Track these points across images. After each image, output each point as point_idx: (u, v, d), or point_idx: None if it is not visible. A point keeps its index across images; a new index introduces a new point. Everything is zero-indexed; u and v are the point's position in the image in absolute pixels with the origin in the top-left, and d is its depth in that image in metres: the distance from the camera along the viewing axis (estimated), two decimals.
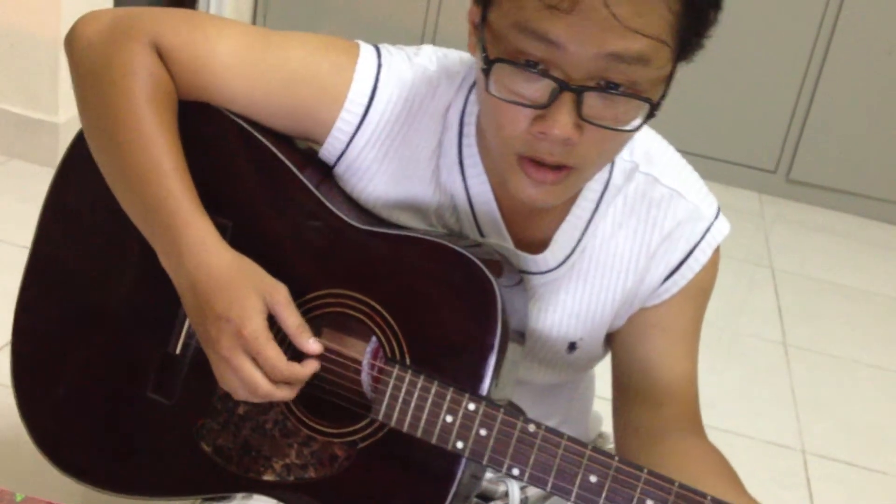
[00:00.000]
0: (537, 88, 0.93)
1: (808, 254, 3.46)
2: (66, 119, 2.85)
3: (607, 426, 1.24)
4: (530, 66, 0.92)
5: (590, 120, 0.93)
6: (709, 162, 3.77)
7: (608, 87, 0.92)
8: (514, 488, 1.24)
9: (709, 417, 1.18)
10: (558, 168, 0.97)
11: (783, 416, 2.46)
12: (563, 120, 0.92)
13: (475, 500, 1.24)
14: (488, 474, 1.25)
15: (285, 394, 1.02)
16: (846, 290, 3.24)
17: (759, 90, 3.73)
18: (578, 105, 0.92)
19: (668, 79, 0.97)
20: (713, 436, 1.13)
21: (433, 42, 3.82)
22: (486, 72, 0.94)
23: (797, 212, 3.80)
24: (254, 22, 4.00)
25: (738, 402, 2.46)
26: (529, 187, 0.99)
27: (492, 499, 1.25)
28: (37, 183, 1.19)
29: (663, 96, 0.97)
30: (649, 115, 0.95)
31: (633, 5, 0.88)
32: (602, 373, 1.26)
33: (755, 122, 3.78)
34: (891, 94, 3.66)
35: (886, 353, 2.86)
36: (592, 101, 0.92)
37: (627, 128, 0.95)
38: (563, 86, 0.91)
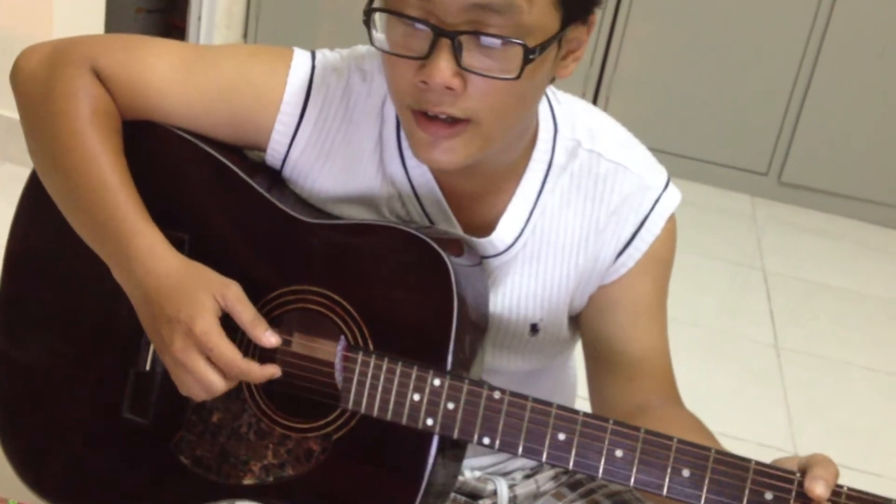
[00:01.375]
0: (419, 41, 0.96)
1: (799, 256, 3.46)
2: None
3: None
4: (406, 16, 0.95)
5: (468, 68, 0.95)
6: (701, 164, 3.78)
7: (481, 32, 0.94)
8: (503, 487, 1.24)
9: (701, 420, 1.18)
10: (452, 123, 0.99)
11: (775, 418, 2.46)
12: (442, 66, 0.95)
13: (464, 499, 1.24)
14: (476, 473, 1.26)
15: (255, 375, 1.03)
16: (838, 292, 3.25)
17: (751, 93, 3.74)
18: (457, 53, 0.94)
19: (557, 36, 0.97)
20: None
21: None
22: (367, 23, 0.98)
23: (789, 214, 3.80)
24: (246, 27, 4.00)
25: (730, 405, 2.46)
26: (427, 147, 1.01)
27: (480, 497, 1.25)
28: None
29: (545, 45, 0.97)
30: (526, 60, 0.95)
31: None
32: (583, 372, 1.26)
33: (747, 124, 3.79)
34: (882, 97, 3.67)
35: (878, 354, 2.87)
36: (471, 51, 0.95)
37: (508, 76, 0.96)
38: (437, 31, 0.94)
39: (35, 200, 1.17)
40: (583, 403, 1.34)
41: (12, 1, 2.80)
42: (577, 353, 1.28)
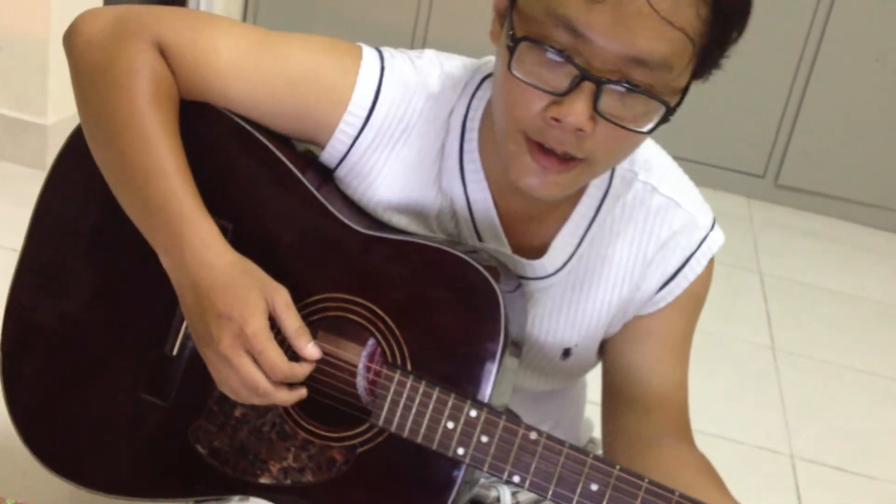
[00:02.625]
0: (558, 76, 0.93)
1: (796, 258, 3.46)
2: (54, 121, 2.83)
3: (598, 432, 1.24)
4: (555, 51, 0.92)
5: (605, 115, 0.93)
6: (697, 166, 3.78)
7: (628, 84, 0.92)
8: (506, 494, 1.24)
9: (697, 422, 1.18)
10: (565, 160, 0.97)
11: (771, 420, 2.46)
12: (579, 108, 0.92)
13: None
14: (480, 479, 1.25)
15: (283, 396, 1.01)
16: (834, 295, 3.25)
17: (748, 95, 3.74)
18: (596, 97, 0.92)
19: (684, 90, 0.98)
20: (701, 440, 1.14)
21: (423, 43, 3.82)
22: (511, 49, 0.94)
23: (785, 216, 3.81)
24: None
25: (726, 407, 2.46)
26: (532, 175, 0.98)
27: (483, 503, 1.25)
28: (25, 185, 1.18)
29: (678, 104, 0.97)
30: (663, 120, 0.95)
31: (667, 4, 0.89)
32: (593, 377, 1.26)
33: (744, 126, 3.79)
34: (879, 100, 3.67)
35: (874, 357, 2.87)
36: (609, 97, 0.93)
37: (640, 129, 0.95)
38: (585, 74, 0.91)
39: (72, 167, 1.14)
40: (591, 409, 1.34)
41: None
42: None
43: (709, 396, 2.45)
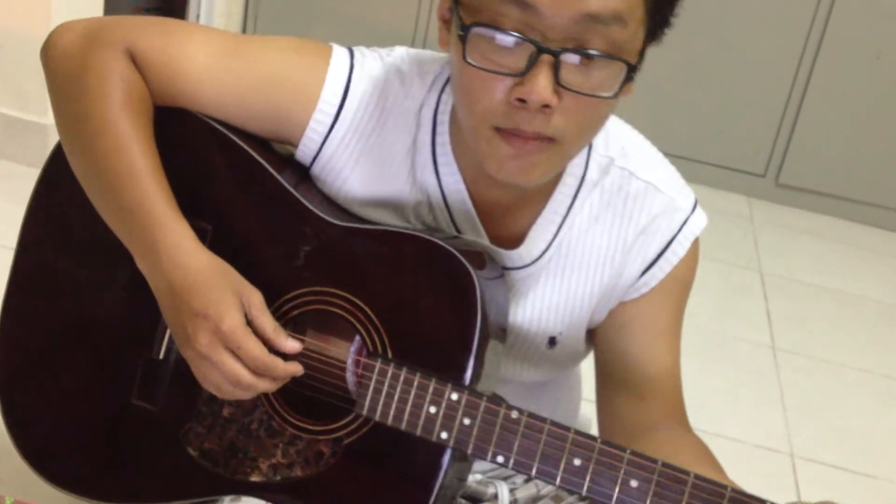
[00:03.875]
0: (514, 57, 0.93)
1: (796, 258, 3.46)
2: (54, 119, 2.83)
3: (596, 431, 1.24)
4: (507, 31, 0.92)
5: (568, 86, 0.93)
6: (698, 165, 3.78)
7: (585, 50, 0.92)
8: (504, 490, 1.24)
9: (697, 421, 1.18)
10: (538, 138, 0.97)
11: (772, 419, 2.47)
12: (541, 84, 0.92)
13: (464, 502, 1.24)
14: (477, 476, 1.25)
15: (268, 385, 1.02)
16: (835, 294, 3.25)
17: (749, 94, 3.74)
18: (556, 69, 0.92)
19: (641, 52, 0.97)
20: (701, 439, 1.14)
21: (424, 44, 3.82)
22: (463, 38, 0.94)
23: (786, 216, 3.80)
24: (244, 25, 3.99)
25: (726, 406, 2.46)
26: (510, 159, 0.98)
27: (481, 500, 1.25)
28: (25, 184, 1.19)
29: (639, 63, 0.97)
30: (627, 79, 0.95)
31: None
32: (588, 375, 1.26)
33: (744, 125, 3.79)
34: (879, 99, 3.67)
35: (875, 356, 2.87)
36: (569, 68, 0.93)
37: (606, 94, 0.95)
38: (540, 48, 0.92)
39: (56, 178, 1.15)
40: (587, 406, 1.34)
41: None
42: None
43: (709, 395, 2.45)
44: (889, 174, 3.75)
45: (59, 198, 1.17)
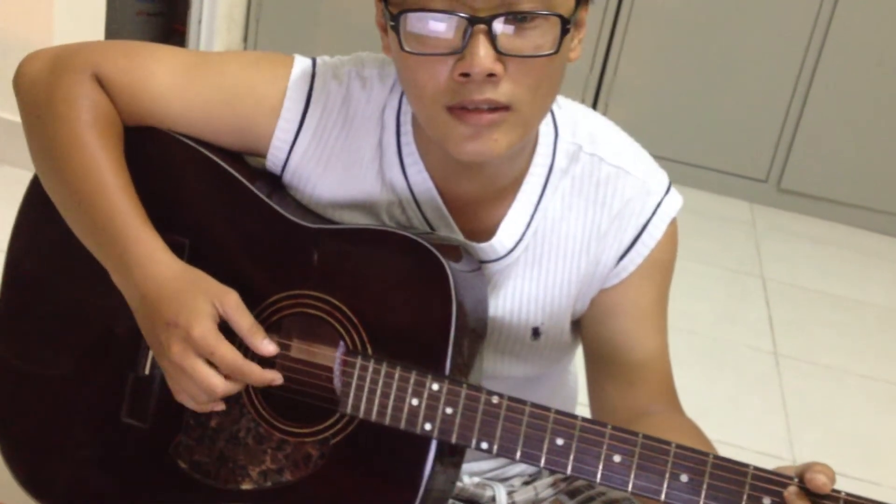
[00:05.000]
0: (449, 37, 0.95)
1: (799, 263, 3.46)
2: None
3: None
4: (437, 11, 0.94)
5: (507, 52, 0.95)
6: (700, 171, 3.78)
7: (515, 13, 0.94)
8: (502, 493, 1.24)
9: (699, 427, 1.18)
10: (493, 110, 0.98)
11: (774, 425, 2.46)
12: (481, 53, 0.94)
13: None
14: (475, 479, 1.25)
15: (236, 388, 1.03)
16: (837, 300, 3.24)
17: (750, 99, 3.74)
18: (492, 39, 0.94)
19: (576, 10, 0.98)
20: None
21: None
22: (396, 28, 0.96)
23: (788, 221, 3.80)
24: (246, 31, 4.00)
25: (728, 412, 2.46)
26: (469, 140, 0.99)
27: (478, 503, 1.25)
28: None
29: (574, 14, 0.98)
30: (563, 31, 0.96)
31: None
32: (583, 376, 1.25)
33: (746, 131, 3.79)
34: (881, 104, 3.67)
35: (877, 363, 2.87)
36: (505, 35, 0.94)
37: (548, 52, 0.96)
38: (471, 20, 0.93)
39: (36, 205, 1.17)
40: (583, 410, 1.34)
41: (12, 4, 2.81)
42: (578, 360, 1.28)
43: (711, 401, 2.45)
44: (891, 179, 3.75)
45: (41, 220, 1.18)
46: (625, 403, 1.14)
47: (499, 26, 0.94)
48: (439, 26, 0.95)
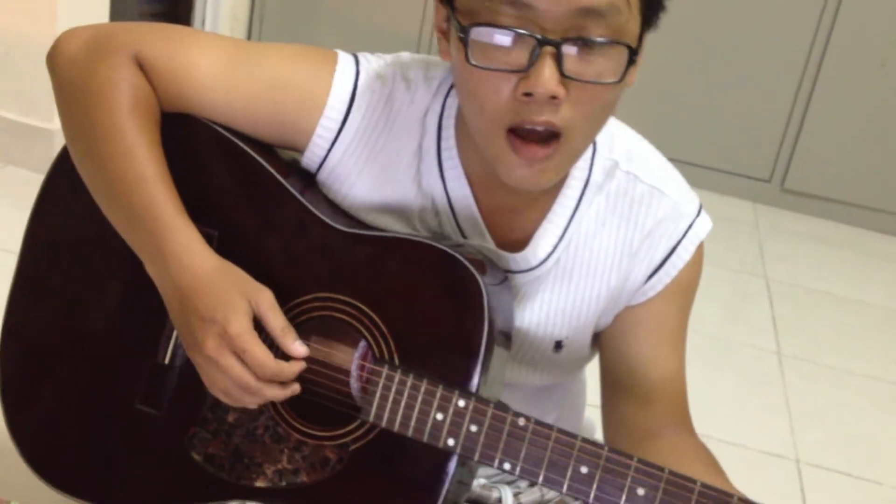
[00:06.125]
0: (517, 54, 0.94)
1: (802, 263, 3.46)
2: (61, 126, 2.83)
3: (600, 434, 1.24)
4: (507, 28, 0.93)
5: (572, 76, 0.94)
6: (703, 171, 3.78)
7: (585, 38, 0.93)
8: (508, 495, 1.24)
9: (703, 427, 1.18)
10: (547, 143, 0.97)
11: (777, 425, 2.46)
12: (546, 75, 0.93)
13: None
14: (481, 481, 1.25)
15: (276, 392, 1.02)
16: (840, 300, 3.24)
17: (754, 99, 3.74)
18: (559, 61, 0.93)
19: (640, 37, 0.98)
20: (707, 445, 1.13)
21: (429, 50, 3.83)
22: (464, 40, 0.95)
23: (791, 221, 3.80)
24: (250, 30, 4.00)
25: (732, 412, 2.46)
26: (520, 168, 0.99)
27: None
28: (31, 190, 1.19)
29: (639, 48, 0.98)
30: (630, 62, 0.96)
31: None
32: (593, 379, 1.26)
33: (750, 131, 3.79)
34: (885, 105, 3.67)
35: (880, 363, 2.86)
36: (572, 58, 0.93)
37: (611, 80, 0.96)
38: (541, 41, 0.92)
39: (63, 182, 1.16)
40: (592, 412, 1.34)
41: (16, 4, 2.81)
42: (589, 364, 1.28)
43: (714, 401, 2.45)
44: (894, 179, 3.75)
45: (64, 202, 1.17)
46: (638, 421, 1.14)
47: (567, 50, 0.93)
48: (507, 43, 0.94)
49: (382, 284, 1.04)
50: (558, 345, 1.17)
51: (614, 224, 1.13)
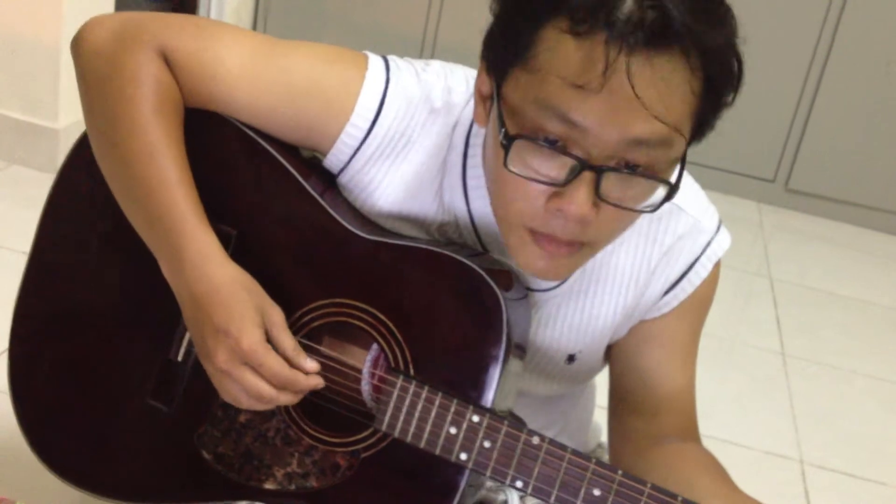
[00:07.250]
0: (555, 165, 0.92)
1: (806, 264, 3.46)
2: (65, 125, 2.84)
3: (607, 437, 1.24)
4: (550, 143, 0.91)
5: (607, 199, 0.92)
6: (708, 171, 3.77)
7: (628, 168, 0.91)
8: (514, 497, 1.24)
9: (707, 427, 1.18)
10: (570, 243, 0.96)
11: (781, 426, 2.46)
12: (580, 198, 0.91)
13: None
14: (488, 483, 1.25)
15: (289, 398, 1.02)
16: (844, 301, 3.24)
17: (759, 99, 3.74)
18: (597, 184, 0.91)
19: (682, 159, 0.96)
20: (711, 445, 1.13)
21: (433, 49, 3.83)
22: (506, 147, 0.93)
23: (796, 221, 3.80)
24: (254, 29, 4.00)
25: (736, 412, 2.46)
26: (540, 259, 0.98)
27: None
28: (36, 188, 1.19)
29: (680, 175, 0.96)
30: (668, 196, 0.94)
31: (658, 89, 0.88)
32: (601, 382, 1.26)
33: (754, 131, 3.78)
34: (889, 105, 3.66)
35: (884, 363, 2.86)
36: (610, 181, 0.91)
37: (644, 208, 0.95)
38: (583, 165, 0.90)
39: (74, 178, 1.15)
40: (599, 413, 1.34)
41: (22, 3, 2.81)
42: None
43: (718, 402, 2.45)
44: None
45: (77, 197, 1.16)
46: (646, 431, 1.13)
47: (608, 175, 0.91)
48: (548, 156, 0.92)
49: (400, 293, 1.03)
50: (571, 358, 1.17)
51: (633, 241, 1.12)
